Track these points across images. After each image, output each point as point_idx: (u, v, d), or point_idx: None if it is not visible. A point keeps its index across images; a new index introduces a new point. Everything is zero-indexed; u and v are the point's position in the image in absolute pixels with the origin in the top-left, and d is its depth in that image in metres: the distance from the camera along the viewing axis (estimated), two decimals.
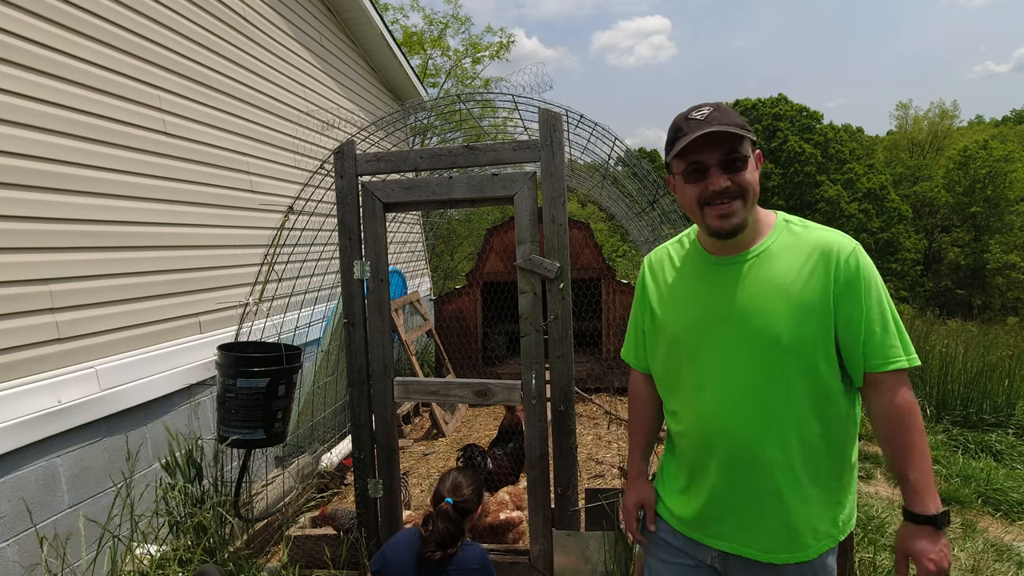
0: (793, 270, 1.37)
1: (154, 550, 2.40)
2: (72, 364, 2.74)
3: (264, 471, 3.91)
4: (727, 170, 1.35)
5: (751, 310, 1.37)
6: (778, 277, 1.37)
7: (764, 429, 1.37)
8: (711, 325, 1.42)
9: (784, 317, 1.35)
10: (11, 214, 2.50)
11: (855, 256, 1.35)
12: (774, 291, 1.36)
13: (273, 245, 3.49)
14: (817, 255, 1.36)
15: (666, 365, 1.54)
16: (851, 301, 1.34)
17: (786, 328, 1.34)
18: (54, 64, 2.73)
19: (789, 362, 1.35)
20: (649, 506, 1.62)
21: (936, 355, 6.05)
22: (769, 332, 1.35)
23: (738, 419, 1.40)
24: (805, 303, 1.34)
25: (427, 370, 6.68)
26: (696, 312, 1.46)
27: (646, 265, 1.65)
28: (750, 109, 31.82)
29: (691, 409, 1.48)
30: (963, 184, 29.03)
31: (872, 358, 1.34)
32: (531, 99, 3.11)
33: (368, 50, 6.87)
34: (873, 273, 1.37)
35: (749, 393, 1.38)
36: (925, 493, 1.32)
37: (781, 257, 1.39)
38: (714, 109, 1.36)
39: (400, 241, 7.58)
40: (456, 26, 17.19)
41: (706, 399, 1.44)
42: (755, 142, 1.39)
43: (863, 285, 1.34)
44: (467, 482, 2.15)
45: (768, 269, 1.39)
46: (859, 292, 1.34)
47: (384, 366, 2.76)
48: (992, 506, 3.86)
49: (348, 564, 2.82)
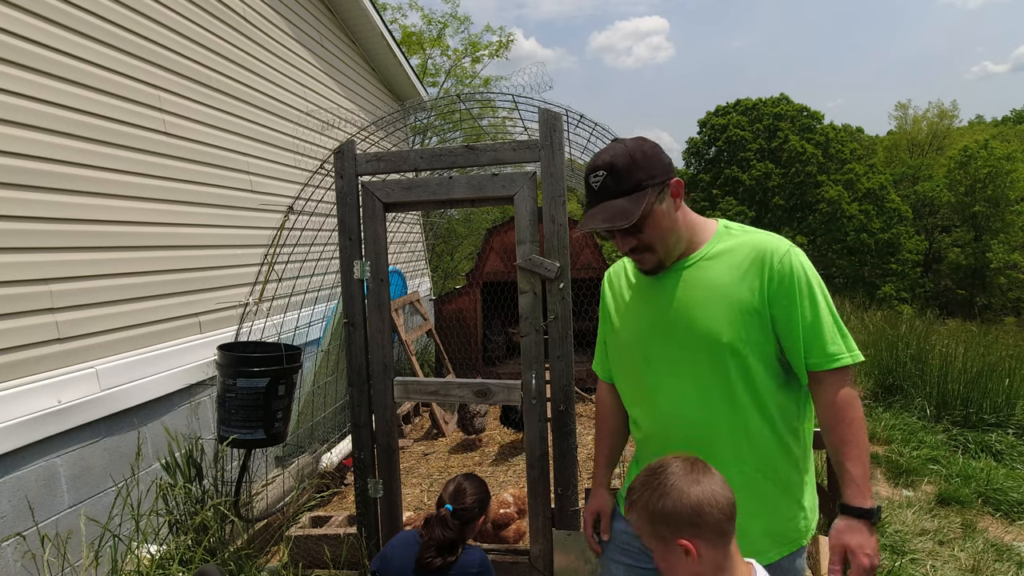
0: (729, 273, 1.40)
1: (154, 550, 2.40)
2: (72, 364, 2.74)
3: (264, 471, 3.91)
4: (628, 233, 1.42)
5: (691, 314, 1.42)
6: (715, 280, 1.41)
7: (711, 431, 1.40)
8: (658, 331, 1.47)
9: (721, 319, 1.38)
10: (11, 214, 2.50)
11: (789, 257, 1.37)
12: (712, 294, 1.40)
13: (273, 245, 3.49)
14: (752, 258, 1.39)
15: (625, 374, 1.60)
16: (786, 301, 1.36)
17: (724, 330, 1.38)
18: (54, 64, 2.73)
19: (729, 363, 1.38)
20: (604, 515, 1.67)
21: (936, 355, 6.05)
22: (708, 334, 1.39)
23: (687, 422, 1.44)
24: (741, 304, 1.37)
25: (427, 370, 6.68)
26: (646, 320, 1.51)
27: (606, 279, 1.72)
28: (751, 109, 31.78)
29: (648, 416, 1.53)
30: (964, 184, 29.01)
31: (812, 356, 1.36)
32: (531, 99, 3.11)
33: (368, 50, 6.87)
34: (808, 273, 1.38)
35: (695, 396, 1.43)
36: (863, 487, 1.32)
37: (719, 262, 1.43)
38: (607, 174, 1.40)
39: (400, 241, 7.58)
40: (455, 25, 17.19)
41: (659, 404, 1.49)
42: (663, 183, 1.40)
43: (797, 285, 1.36)
44: (471, 489, 2.10)
45: (706, 274, 1.43)
46: (793, 292, 1.36)
47: (384, 366, 2.76)
48: (992, 506, 3.85)
49: (348, 564, 2.82)
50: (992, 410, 5.15)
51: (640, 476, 1.25)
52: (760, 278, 1.37)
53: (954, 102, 47.78)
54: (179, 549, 2.44)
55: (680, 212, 1.45)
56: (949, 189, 30.03)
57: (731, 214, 28.57)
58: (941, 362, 5.83)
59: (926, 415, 5.46)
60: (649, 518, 1.20)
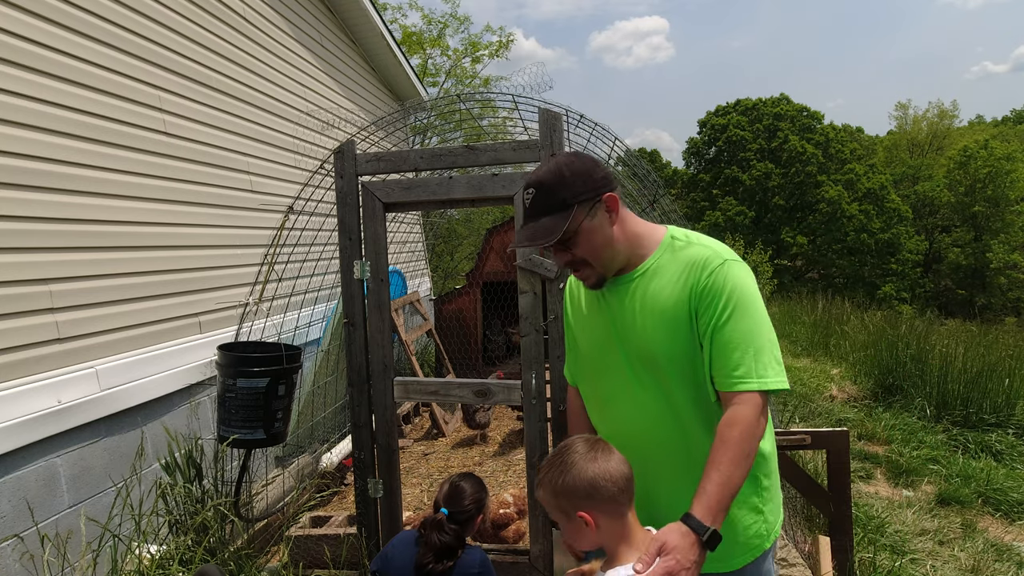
0: (668, 287, 1.40)
1: (154, 550, 2.40)
2: (72, 364, 2.74)
3: (264, 471, 3.91)
4: (561, 249, 1.43)
5: (635, 328, 1.43)
6: (655, 294, 1.41)
7: (657, 443, 1.40)
8: (610, 343, 1.49)
9: (660, 333, 1.39)
10: (11, 214, 2.50)
11: (720, 271, 1.35)
12: (651, 308, 1.41)
13: (273, 245, 3.48)
14: (687, 270, 1.39)
15: (584, 382, 1.63)
16: (706, 315, 1.35)
17: (661, 343, 1.38)
18: (54, 64, 2.73)
19: (668, 376, 1.39)
20: None
21: (936, 355, 6.05)
22: (648, 348, 1.40)
23: (635, 433, 1.45)
24: (676, 319, 1.37)
25: (427, 370, 6.68)
26: (600, 331, 1.52)
27: (567, 289, 1.74)
28: (751, 109, 31.79)
29: (603, 424, 1.56)
30: (964, 184, 29.00)
31: (715, 373, 1.35)
32: (531, 99, 3.10)
33: (368, 50, 6.87)
34: (737, 290, 1.34)
35: (641, 409, 1.44)
36: (711, 506, 1.24)
37: (661, 275, 1.42)
38: (535, 192, 1.40)
39: (400, 241, 7.58)
40: (455, 25, 17.19)
41: (611, 415, 1.52)
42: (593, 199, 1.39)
43: (721, 301, 1.33)
44: (467, 490, 2.07)
45: (649, 287, 1.43)
46: (713, 306, 1.34)
47: (384, 366, 2.76)
48: (992, 506, 3.86)
49: (348, 564, 2.82)
50: (992, 410, 5.15)
51: (547, 456, 1.36)
52: (691, 291, 1.36)
53: (954, 102, 47.83)
54: (179, 549, 2.44)
55: (618, 226, 1.43)
56: (949, 189, 30.02)
57: (731, 214, 28.56)
58: (941, 362, 5.84)
59: (926, 415, 5.47)
60: (553, 493, 1.31)
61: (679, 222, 4.47)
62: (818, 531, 2.97)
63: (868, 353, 7.13)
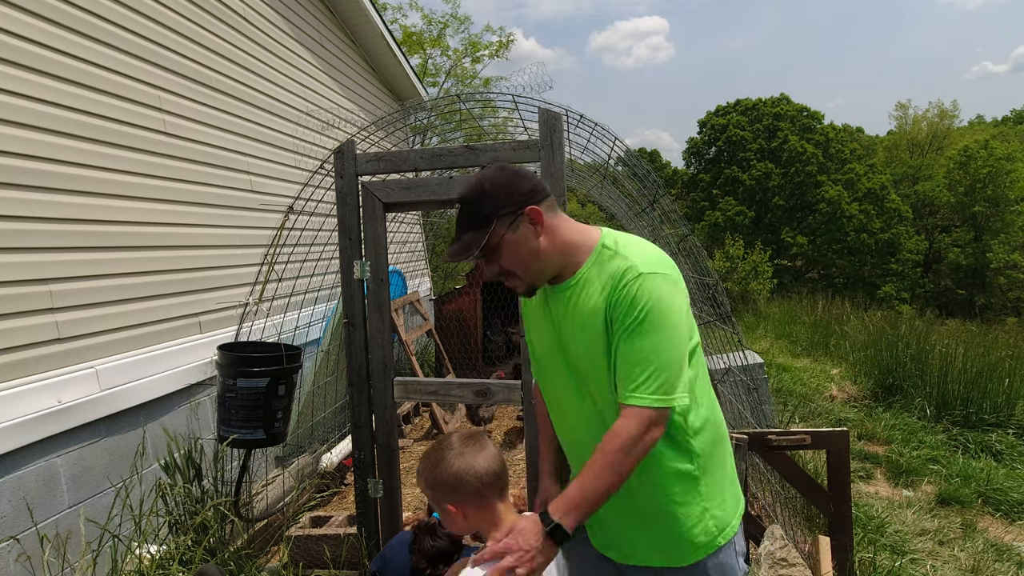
0: (592, 297, 1.41)
1: (154, 550, 2.40)
2: (72, 364, 2.74)
3: (264, 471, 3.91)
4: (487, 262, 1.46)
5: (567, 337, 1.46)
6: (582, 305, 1.43)
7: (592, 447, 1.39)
8: (554, 347, 1.52)
9: (584, 344, 1.42)
10: (11, 214, 2.50)
11: (634, 284, 1.34)
12: (578, 318, 1.43)
13: (273, 245, 3.49)
14: (608, 282, 1.39)
15: (540, 381, 1.69)
16: (616, 327, 1.36)
17: (585, 353, 1.42)
18: (54, 64, 2.73)
19: (593, 384, 1.43)
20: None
21: (936, 355, 6.05)
22: (577, 357, 1.45)
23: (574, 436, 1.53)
24: (596, 328, 1.39)
25: (427, 370, 6.68)
26: (547, 336, 1.55)
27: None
28: (751, 109, 31.75)
29: (556, 424, 1.63)
30: (964, 184, 28.97)
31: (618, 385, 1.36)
32: (531, 99, 3.11)
33: (368, 50, 6.87)
34: (649, 304, 1.32)
35: (577, 413, 1.49)
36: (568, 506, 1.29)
37: (589, 285, 1.43)
38: (461, 207, 1.43)
39: (400, 241, 7.58)
40: (455, 25, 17.21)
41: (556, 415, 1.60)
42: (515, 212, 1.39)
43: (632, 314, 1.33)
44: None
45: (579, 297, 1.44)
46: (622, 318, 1.34)
47: (384, 366, 2.76)
48: (992, 506, 3.86)
49: (348, 564, 2.83)
50: (992, 410, 5.15)
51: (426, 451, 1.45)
52: (607, 302, 1.37)
53: (954, 102, 47.76)
54: (179, 549, 2.44)
55: (545, 237, 1.42)
56: (949, 189, 30.00)
57: (731, 214, 28.56)
58: (941, 362, 5.84)
59: (926, 415, 5.47)
60: (427, 485, 1.41)
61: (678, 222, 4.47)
62: (818, 531, 2.96)
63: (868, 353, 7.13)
